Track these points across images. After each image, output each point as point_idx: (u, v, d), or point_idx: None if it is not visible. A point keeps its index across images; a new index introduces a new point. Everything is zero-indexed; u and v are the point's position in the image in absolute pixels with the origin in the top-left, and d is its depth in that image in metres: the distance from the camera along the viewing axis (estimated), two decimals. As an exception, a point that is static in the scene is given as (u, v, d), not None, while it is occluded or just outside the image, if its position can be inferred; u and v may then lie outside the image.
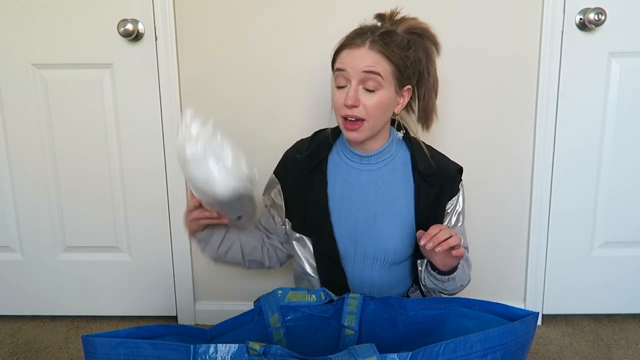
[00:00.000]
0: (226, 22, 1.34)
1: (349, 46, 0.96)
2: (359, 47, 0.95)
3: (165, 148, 1.41)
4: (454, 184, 1.07)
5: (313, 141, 1.11)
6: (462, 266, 1.02)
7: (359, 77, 0.95)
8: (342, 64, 0.96)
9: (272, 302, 0.96)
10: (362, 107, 0.96)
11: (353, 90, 0.95)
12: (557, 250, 1.45)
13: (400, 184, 1.05)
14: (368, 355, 0.68)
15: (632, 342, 1.40)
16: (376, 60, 0.94)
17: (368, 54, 0.94)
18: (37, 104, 1.40)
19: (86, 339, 0.73)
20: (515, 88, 1.37)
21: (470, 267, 1.10)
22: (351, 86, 0.95)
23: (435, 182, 1.04)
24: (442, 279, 1.01)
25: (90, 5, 1.33)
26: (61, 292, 1.52)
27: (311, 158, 1.07)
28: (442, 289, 1.04)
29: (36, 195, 1.46)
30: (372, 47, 0.94)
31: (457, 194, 1.07)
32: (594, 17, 1.26)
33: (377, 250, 1.05)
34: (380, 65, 0.95)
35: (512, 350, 0.71)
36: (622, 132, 1.38)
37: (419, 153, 1.06)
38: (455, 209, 1.08)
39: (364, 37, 0.95)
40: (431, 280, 1.03)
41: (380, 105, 0.97)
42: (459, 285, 1.04)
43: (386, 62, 0.95)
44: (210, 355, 0.70)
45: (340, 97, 0.97)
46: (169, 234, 1.47)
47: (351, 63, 0.95)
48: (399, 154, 1.07)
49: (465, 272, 1.04)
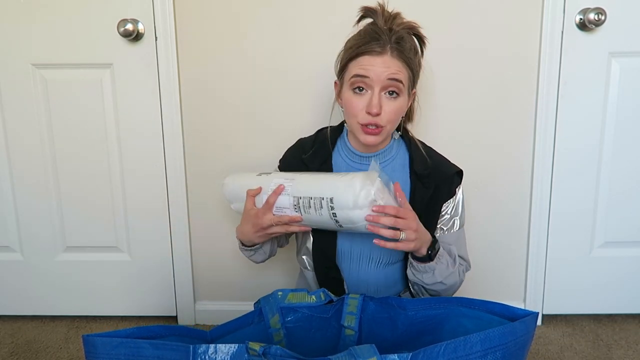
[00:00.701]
0: (226, 22, 1.34)
1: (370, 53, 0.94)
2: (381, 54, 0.94)
3: (165, 148, 1.41)
4: (450, 186, 1.05)
5: (316, 140, 1.11)
6: (445, 262, 1.00)
7: (382, 84, 0.94)
8: (364, 70, 0.94)
9: (272, 303, 0.96)
10: (383, 113, 0.95)
11: (377, 98, 0.94)
12: (557, 250, 1.45)
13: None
14: (368, 356, 0.68)
15: (632, 342, 1.40)
16: (399, 68, 0.94)
17: (392, 61, 0.94)
18: (37, 104, 1.40)
19: (87, 338, 0.73)
20: (515, 88, 1.37)
21: (463, 274, 1.07)
22: (374, 93, 0.95)
23: (430, 183, 1.03)
24: (419, 267, 0.98)
25: (90, 5, 1.33)
26: (61, 292, 1.52)
27: (315, 157, 1.08)
28: (422, 282, 1.00)
29: (36, 195, 1.46)
30: (392, 53, 0.94)
31: (454, 196, 1.06)
32: (594, 17, 1.26)
33: (372, 250, 1.05)
34: (402, 73, 0.95)
35: (512, 350, 0.71)
36: (622, 132, 1.38)
37: (416, 154, 1.06)
38: (452, 213, 1.06)
39: (382, 42, 0.94)
40: (412, 272, 1.01)
41: (399, 111, 0.98)
42: (439, 280, 1.00)
43: (405, 69, 0.96)
44: (210, 355, 0.70)
45: (360, 103, 0.96)
46: (169, 234, 1.48)
47: (375, 70, 0.94)
48: (399, 154, 1.08)
49: (449, 270, 1.01)
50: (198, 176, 1.44)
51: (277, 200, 0.96)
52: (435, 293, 1.04)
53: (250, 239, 1.03)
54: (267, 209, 0.97)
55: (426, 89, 1.36)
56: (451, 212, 1.07)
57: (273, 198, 0.96)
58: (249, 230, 1.01)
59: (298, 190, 0.95)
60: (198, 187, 1.45)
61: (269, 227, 0.98)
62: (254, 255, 1.10)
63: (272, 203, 0.96)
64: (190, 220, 1.47)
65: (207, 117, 1.41)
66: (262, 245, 1.08)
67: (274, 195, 0.96)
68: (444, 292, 1.03)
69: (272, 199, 0.96)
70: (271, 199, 0.96)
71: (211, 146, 1.42)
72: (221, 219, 1.46)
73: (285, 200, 0.96)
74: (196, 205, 1.46)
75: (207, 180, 1.44)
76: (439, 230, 1.06)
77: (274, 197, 0.96)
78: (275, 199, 0.96)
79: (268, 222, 0.97)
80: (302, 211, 0.94)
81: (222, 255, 1.49)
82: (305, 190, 0.94)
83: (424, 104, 1.37)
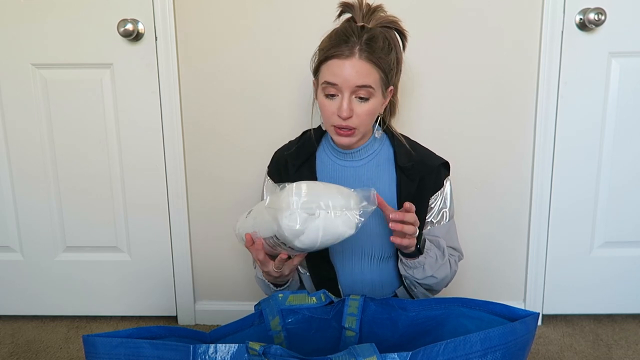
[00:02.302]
0: (226, 22, 1.34)
1: (338, 56, 0.93)
2: (349, 57, 0.93)
3: (165, 148, 1.41)
4: (436, 178, 1.05)
5: (301, 139, 1.12)
6: (434, 256, 0.99)
7: (352, 89, 0.94)
8: (333, 76, 0.94)
9: (272, 305, 0.95)
10: (354, 116, 0.96)
11: (347, 102, 0.94)
12: (557, 250, 1.45)
13: (384, 179, 1.05)
14: (368, 355, 0.67)
15: (632, 342, 1.40)
16: (367, 71, 0.93)
17: (359, 64, 0.93)
18: (37, 104, 1.40)
19: (87, 338, 0.73)
20: (515, 88, 1.37)
21: (455, 264, 1.07)
22: (344, 97, 0.94)
23: (414, 176, 1.03)
24: (408, 263, 0.99)
25: (90, 5, 1.33)
26: (61, 292, 1.52)
27: (298, 154, 1.08)
28: (414, 278, 1.00)
29: (36, 195, 1.46)
30: (361, 56, 0.93)
31: (442, 188, 1.06)
32: (594, 17, 1.26)
33: (364, 245, 1.05)
34: (371, 76, 0.94)
35: (512, 350, 0.71)
36: (622, 132, 1.38)
37: (399, 148, 1.06)
38: (440, 205, 1.06)
39: (350, 44, 0.93)
40: (402, 267, 1.02)
41: (371, 112, 0.98)
42: (429, 274, 0.99)
43: (375, 71, 0.94)
44: (210, 355, 0.70)
45: (332, 107, 0.97)
46: (169, 234, 1.48)
47: (343, 76, 0.93)
48: (383, 149, 1.07)
49: (438, 263, 1.00)
50: (198, 176, 1.44)
51: (259, 244, 0.92)
52: (428, 287, 1.04)
53: (276, 280, 1.01)
54: (263, 263, 0.95)
55: (426, 89, 1.36)
56: (440, 205, 1.06)
57: (255, 254, 0.94)
58: (268, 275, 0.99)
59: (261, 231, 0.89)
60: (198, 187, 1.45)
61: (278, 270, 0.95)
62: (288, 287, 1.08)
63: (262, 258, 0.94)
64: (190, 220, 1.47)
65: (207, 117, 1.41)
66: (291, 280, 1.06)
67: (254, 251, 0.93)
68: (436, 285, 1.03)
69: (259, 257, 0.94)
70: (258, 256, 0.94)
71: (211, 146, 1.42)
72: (221, 219, 1.46)
73: (264, 242, 0.92)
74: (196, 205, 1.46)
75: (207, 181, 1.44)
76: (429, 223, 1.06)
77: (254, 251, 0.93)
78: (257, 253, 0.93)
79: (274, 269, 0.95)
80: (277, 249, 0.89)
81: (222, 255, 1.49)
82: (263, 230, 0.88)
83: (425, 104, 1.37)
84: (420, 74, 1.34)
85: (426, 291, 1.06)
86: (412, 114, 1.37)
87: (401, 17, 1.00)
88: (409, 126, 1.30)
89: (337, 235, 0.82)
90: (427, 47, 1.32)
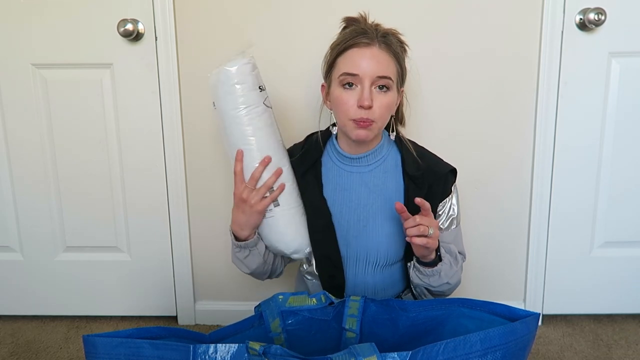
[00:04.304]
0: (226, 22, 1.34)
1: (358, 45, 0.94)
2: (369, 46, 0.94)
3: (165, 148, 1.41)
4: (445, 186, 1.05)
5: (305, 144, 1.11)
6: (448, 262, 1.00)
7: (372, 79, 0.94)
8: (353, 66, 0.94)
9: (272, 307, 0.95)
10: (375, 107, 0.95)
11: (367, 91, 0.94)
12: (557, 250, 1.45)
13: (391, 186, 1.05)
14: (368, 354, 0.68)
15: (632, 342, 1.40)
16: (387, 62, 0.95)
17: (380, 54, 0.94)
18: (37, 104, 1.40)
19: (87, 338, 0.73)
20: (515, 88, 1.37)
21: (461, 269, 1.07)
22: (364, 87, 0.94)
23: (423, 184, 1.02)
24: (425, 271, 0.99)
25: (90, 5, 1.33)
26: (61, 292, 1.52)
27: (303, 160, 1.07)
28: (429, 285, 1.01)
29: (36, 195, 1.46)
30: (381, 46, 0.94)
31: (450, 195, 1.06)
32: (594, 17, 1.26)
33: (369, 253, 1.04)
34: (390, 68, 0.95)
35: (513, 350, 0.71)
36: (622, 132, 1.38)
37: (407, 155, 1.05)
38: (448, 212, 1.06)
39: (369, 35, 0.94)
40: (417, 275, 1.01)
41: (389, 105, 0.98)
42: (445, 281, 1.00)
43: (393, 63, 0.96)
44: (210, 355, 0.70)
45: (351, 98, 0.95)
46: (169, 234, 1.47)
47: (364, 66, 0.93)
48: (390, 155, 1.07)
49: (453, 269, 1.01)
50: (198, 176, 1.44)
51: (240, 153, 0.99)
52: (440, 293, 1.04)
53: (246, 223, 1.02)
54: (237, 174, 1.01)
55: (426, 89, 1.36)
56: (447, 211, 1.06)
57: (239, 166, 1.00)
58: (241, 215, 1.02)
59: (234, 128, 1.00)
60: (198, 187, 1.45)
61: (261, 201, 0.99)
62: (248, 256, 1.06)
63: (238, 170, 1.01)
64: (190, 220, 1.47)
65: (207, 117, 1.40)
66: (257, 243, 1.04)
67: (239, 164, 1.00)
68: (448, 290, 1.04)
69: (237, 168, 1.01)
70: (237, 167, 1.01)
71: (211, 146, 1.42)
72: (221, 218, 1.46)
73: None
74: (196, 205, 1.46)
75: (207, 180, 1.44)
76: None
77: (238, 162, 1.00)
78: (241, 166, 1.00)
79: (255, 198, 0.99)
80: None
81: (222, 255, 1.49)
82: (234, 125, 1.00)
83: (425, 104, 1.37)
84: (420, 74, 1.34)
85: (433, 296, 1.06)
86: (411, 114, 1.36)
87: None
88: (408, 126, 1.30)
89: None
90: (427, 47, 1.32)
